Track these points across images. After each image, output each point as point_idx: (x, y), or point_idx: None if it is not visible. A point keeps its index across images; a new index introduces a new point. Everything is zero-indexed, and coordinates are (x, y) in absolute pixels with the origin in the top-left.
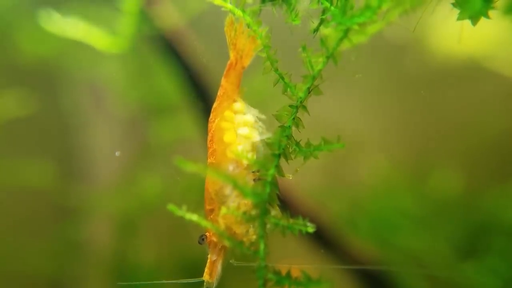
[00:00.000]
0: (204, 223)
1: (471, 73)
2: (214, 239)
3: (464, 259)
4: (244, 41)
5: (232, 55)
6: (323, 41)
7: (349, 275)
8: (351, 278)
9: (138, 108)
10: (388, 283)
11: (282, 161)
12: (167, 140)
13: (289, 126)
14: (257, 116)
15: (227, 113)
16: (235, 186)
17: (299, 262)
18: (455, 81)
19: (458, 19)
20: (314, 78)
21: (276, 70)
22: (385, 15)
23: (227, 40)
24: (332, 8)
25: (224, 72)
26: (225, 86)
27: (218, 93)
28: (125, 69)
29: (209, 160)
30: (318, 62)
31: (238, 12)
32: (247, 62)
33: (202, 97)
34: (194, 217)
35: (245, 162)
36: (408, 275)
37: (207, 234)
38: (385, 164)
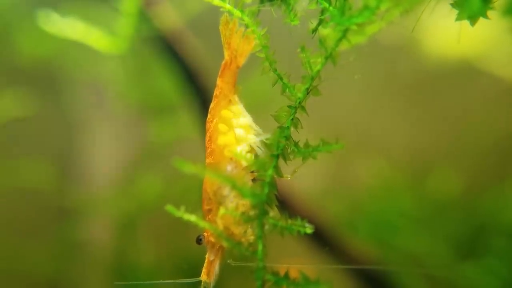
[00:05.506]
0: (202, 223)
1: (467, 74)
2: (212, 239)
3: (463, 259)
4: (238, 41)
5: (226, 54)
6: (321, 42)
7: (349, 276)
8: (350, 278)
9: (138, 108)
10: (388, 283)
11: (281, 161)
12: (167, 140)
13: (288, 126)
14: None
15: (225, 113)
16: (234, 186)
17: (298, 262)
18: (452, 81)
19: (457, 19)
20: (313, 78)
21: (275, 70)
22: (383, 16)
23: (222, 39)
24: (331, 8)
25: (219, 72)
26: (221, 85)
27: (215, 93)
28: (124, 69)
29: (207, 160)
30: (317, 62)
31: (237, 13)
32: (241, 61)
33: (201, 96)
34: (192, 217)
35: (243, 162)
36: (408, 275)
37: (205, 234)
38: (384, 165)
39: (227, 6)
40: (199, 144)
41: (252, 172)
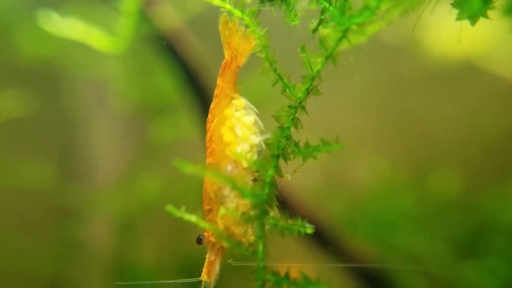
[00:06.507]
0: (203, 223)
1: (468, 74)
2: (213, 239)
3: (463, 259)
4: (238, 40)
5: (226, 54)
6: (322, 42)
7: (349, 275)
8: (350, 278)
9: (138, 108)
10: (388, 283)
11: (281, 161)
12: (167, 139)
13: (288, 126)
14: (255, 112)
15: (226, 112)
16: (234, 186)
17: (298, 262)
18: (453, 81)
19: (457, 19)
20: (313, 78)
21: (275, 70)
22: (384, 16)
23: (222, 39)
24: (331, 8)
25: (220, 72)
26: (221, 85)
27: (215, 93)
28: (124, 69)
29: (207, 160)
30: (317, 62)
31: (237, 13)
32: (242, 61)
33: (201, 96)
34: (192, 217)
35: (244, 162)
36: (408, 274)
37: (206, 234)
38: (384, 164)
39: (227, 6)
40: (199, 144)
41: (253, 172)
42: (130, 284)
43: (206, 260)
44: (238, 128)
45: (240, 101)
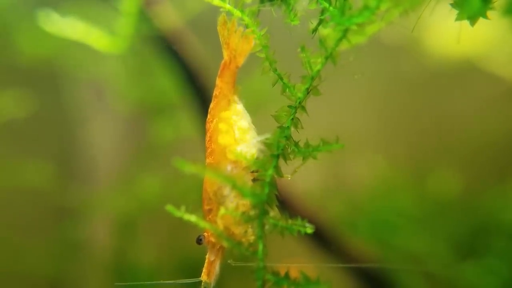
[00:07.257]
0: (202, 223)
1: (468, 74)
2: (213, 239)
3: (463, 259)
4: (237, 41)
5: (225, 54)
6: (321, 42)
7: (349, 275)
8: (350, 278)
9: (138, 108)
10: (388, 283)
11: (281, 161)
12: (167, 139)
13: (288, 126)
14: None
15: (225, 113)
16: (234, 186)
17: (298, 262)
18: (453, 81)
19: (457, 19)
20: (313, 78)
21: (275, 70)
22: (383, 16)
23: (220, 39)
24: (331, 8)
25: (219, 72)
26: (221, 85)
27: (214, 93)
28: (124, 69)
29: (207, 160)
30: (317, 62)
31: (237, 13)
32: (240, 61)
33: (201, 96)
34: (192, 217)
35: (244, 162)
36: (408, 274)
37: (205, 234)
38: (384, 164)
39: (227, 6)
40: (199, 144)
41: (252, 172)
42: (130, 284)
43: (206, 260)
44: (236, 129)
45: (236, 107)
